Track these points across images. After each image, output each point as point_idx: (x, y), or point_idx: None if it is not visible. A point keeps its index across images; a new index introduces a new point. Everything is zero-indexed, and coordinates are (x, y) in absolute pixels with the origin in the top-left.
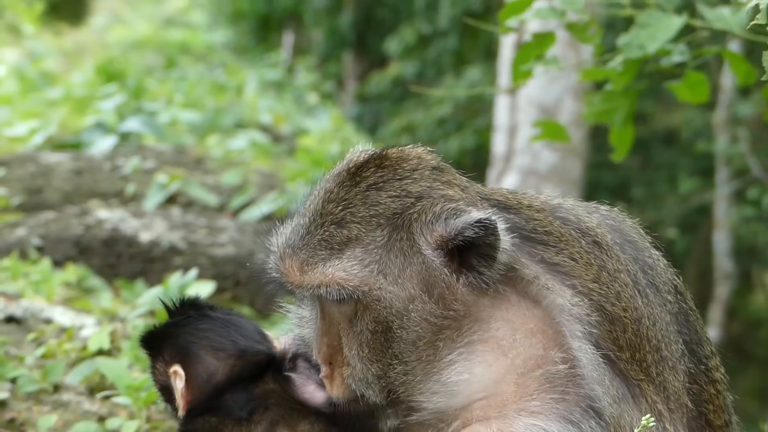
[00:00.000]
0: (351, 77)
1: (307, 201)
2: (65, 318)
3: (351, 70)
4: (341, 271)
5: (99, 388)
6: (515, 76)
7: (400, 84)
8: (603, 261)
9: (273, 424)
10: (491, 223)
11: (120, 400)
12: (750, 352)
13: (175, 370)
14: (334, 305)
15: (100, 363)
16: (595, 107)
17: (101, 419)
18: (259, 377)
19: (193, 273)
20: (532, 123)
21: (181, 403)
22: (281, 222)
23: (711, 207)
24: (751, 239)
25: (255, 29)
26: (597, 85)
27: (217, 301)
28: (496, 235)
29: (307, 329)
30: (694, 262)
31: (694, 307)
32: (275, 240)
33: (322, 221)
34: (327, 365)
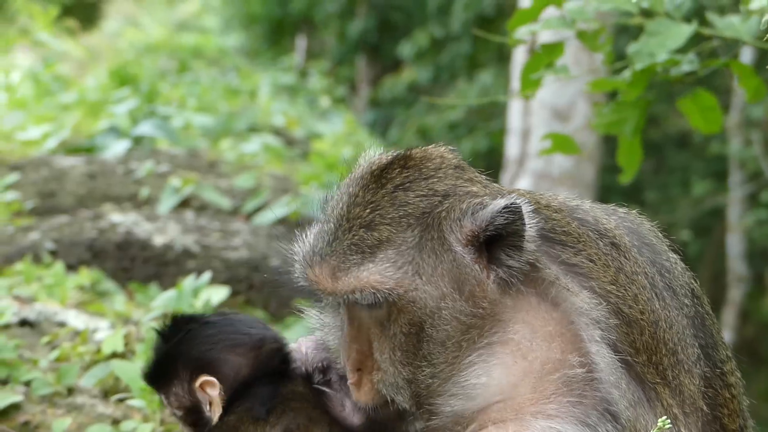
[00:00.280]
0: (364, 81)
1: (328, 206)
2: (79, 321)
3: (364, 74)
4: (376, 275)
5: (113, 390)
6: (524, 85)
7: (413, 89)
8: (621, 263)
9: (287, 431)
10: (517, 207)
11: (134, 402)
12: (763, 355)
13: (204, 380)
14: (364, 310)
15: (114, 365)
16: (605, 118)
17: (115, 422)
18: (288, 376)
19: (207, 276)
20: (545, 128)
21: (216, 411)
22: (301, 229)
23: (724, 210)
24: (765, 242)
25: (268, 33)
26: (609, 92)
27: (231, 305)
28: (522, 220)
29: (331, 336)
30: (707, 265)
31: (710, 311)
32: (299, 248)
33: (349, 225)
34: (356, 371)
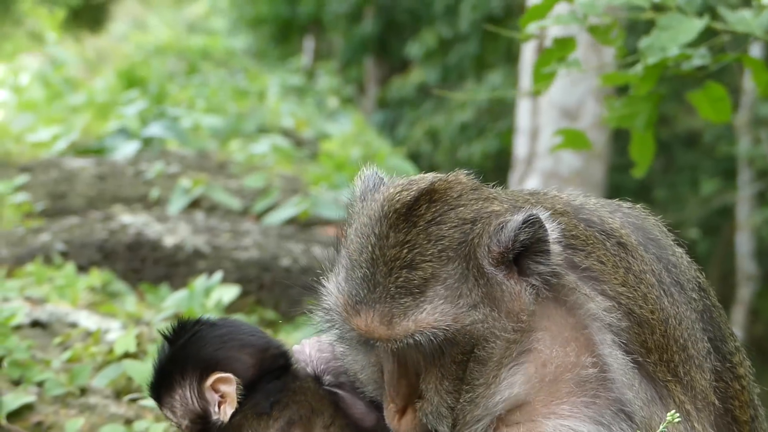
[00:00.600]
0: (372, 81)
1: (350, 252)
2: (90, 322)
3: (372, 74)
4: (433, 314)
5: (125, 391)
6: (536, 79)
7: (422, 89)
8: (629, 263)
9: (290, 423)
10: (536, 218)
11: (147, 402)
12: None
13: (217, 377)
14: (415, 347)
15: (127, 365)
16: (617, 111)
17: (128, 422)
18: (292, 375)
19: (218, 276)
20: (553, 127)
21: (229, 409)
22: (319, 279)
23: (733, 209)
24: None
25: (276, 34)
26: (619, 89)
27: (241, 305)
28: (543, 227)
29: (357, 366)
30: (716, 263)
31: (717, 303)
32: (331, 299)
33: (388, 268)
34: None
